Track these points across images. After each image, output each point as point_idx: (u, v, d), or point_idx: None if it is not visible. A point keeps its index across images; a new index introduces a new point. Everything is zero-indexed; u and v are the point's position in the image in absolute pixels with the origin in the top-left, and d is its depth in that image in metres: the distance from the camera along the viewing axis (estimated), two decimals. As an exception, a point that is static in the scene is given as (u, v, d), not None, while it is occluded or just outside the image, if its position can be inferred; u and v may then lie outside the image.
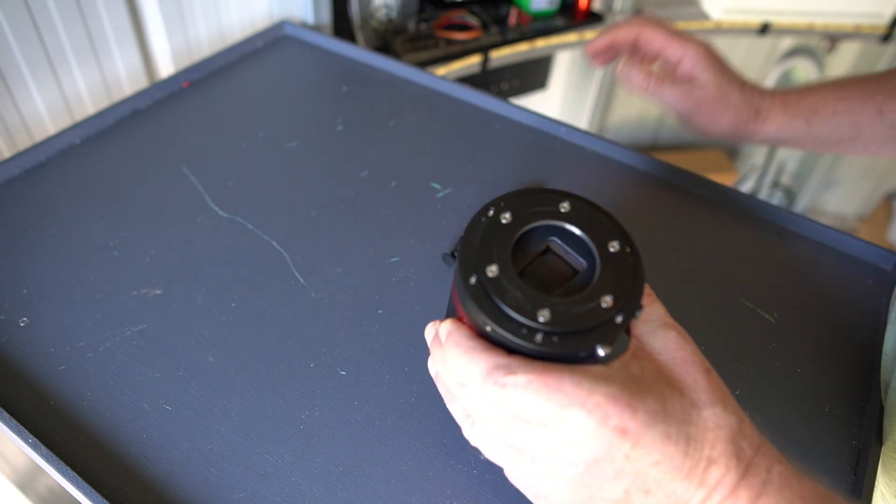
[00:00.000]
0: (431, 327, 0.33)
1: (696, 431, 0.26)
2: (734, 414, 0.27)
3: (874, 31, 1.29)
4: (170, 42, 0.75)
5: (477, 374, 0.27)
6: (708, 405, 0.27)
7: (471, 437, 0.31)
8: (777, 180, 1.80)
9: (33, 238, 0.49)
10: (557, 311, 0.27)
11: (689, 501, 0.26)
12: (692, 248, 0.52)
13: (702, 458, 0.26)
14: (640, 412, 0.25)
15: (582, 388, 0.26)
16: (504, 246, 0.29)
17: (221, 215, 0.52)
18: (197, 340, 0.43)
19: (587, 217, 0.31)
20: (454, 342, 0.29)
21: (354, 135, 0.61)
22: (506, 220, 0.30)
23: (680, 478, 0.26)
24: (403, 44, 0.97)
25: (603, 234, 0.30)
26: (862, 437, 0.40)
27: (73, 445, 0.37)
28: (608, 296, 0.28)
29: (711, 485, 0.26)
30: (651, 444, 0.25)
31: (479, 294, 0.28)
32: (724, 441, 0.26)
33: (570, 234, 0.31)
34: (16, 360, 0.41)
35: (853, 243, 0.52)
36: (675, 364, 0.28)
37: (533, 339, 0.27)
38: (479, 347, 0.28)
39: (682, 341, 0.29)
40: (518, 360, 0.27)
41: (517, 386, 0.26)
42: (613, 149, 0.60)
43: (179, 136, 0.59)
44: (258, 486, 0.36)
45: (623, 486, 0.26)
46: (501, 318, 0.27)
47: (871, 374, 0.43)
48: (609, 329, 0.28)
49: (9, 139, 0.65)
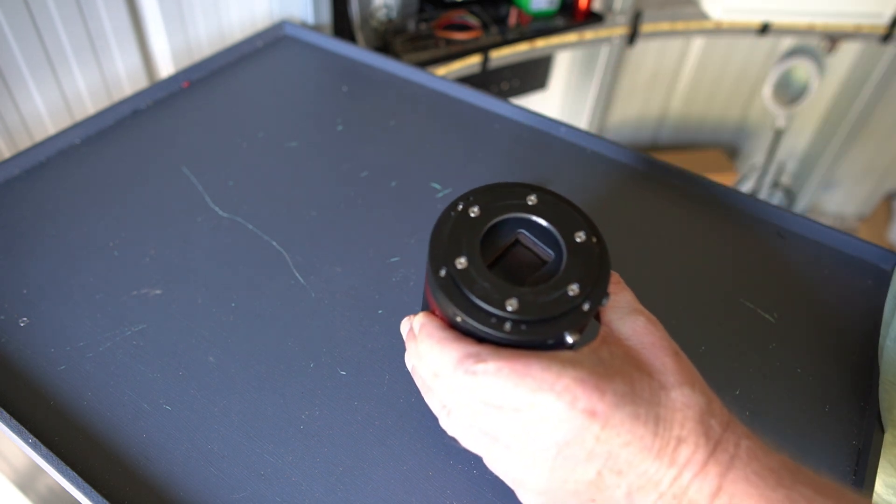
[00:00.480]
0: (406, 322, 0.34)
1: (665, 412, 0.27)
2: (702, 394, 0.28)
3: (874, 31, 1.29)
4: (170, 42, 0.75)
5: (448, 363, 0.28)
6: (676, 386, 0.27)
7: (448, 427, 0.31)
8: (777, 180, 1.80)
9: (33, 238, 0.49)
10: (525, 301, 0.28)
11: (660, 481, 0.26)
12: (692, 248, 0.52)
13: (671, 438, 0.26)
14: (608, 394, 0.26)
15: (550, 372, 0.26)
16: (473, 239, 0.30)
17: (221, 215, 0.52)
18: (197, 340, 0.43)
19: (554, 209, 0.31)
20: (426, 334, 0.30)
21: (354, 135, 0.61)
22: (474, 214, 0.31)
23: (650, 458, 0.26)
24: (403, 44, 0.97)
25: (570, 225, 0.31)
26: (862, 437, 0.40)
27: (73, 445, 0.37)
28: (574, 284, 0.29)
29: (682, 463, 0.26)
30: (620, 425, 0.26)
31: (449, 286, 0.29)
32: (693, 420, 0.27)
33: (537, 225, 0.31)
34: (16, 360, 0.41)
35: (853, 243, 0.52)
36: (643, 348, 0.29)
37: (502, 328, 0.28)
38: (450, 338, 0.29)
39: (651, 326, 0.30)
40: (488, 349, 0.28)
41: (487, 373, 0.27)
42: (613, 149, 0.60)
43: (179, 136, 0.59)
44: (258, 486, 0.36)
45: (595, 467, 0.27)
46: (471, 309, 0.28)
47: (871, 373, 0.43)
48: (576, 316, 0.28)
49: (9, 139, 0.65)
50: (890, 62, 1.41)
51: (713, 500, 0.26)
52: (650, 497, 0.27)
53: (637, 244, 0.51)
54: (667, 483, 0.26)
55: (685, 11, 1.27)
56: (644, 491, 0.27)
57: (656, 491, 0.26)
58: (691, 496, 0.26)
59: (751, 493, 0.25)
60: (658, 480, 0.26)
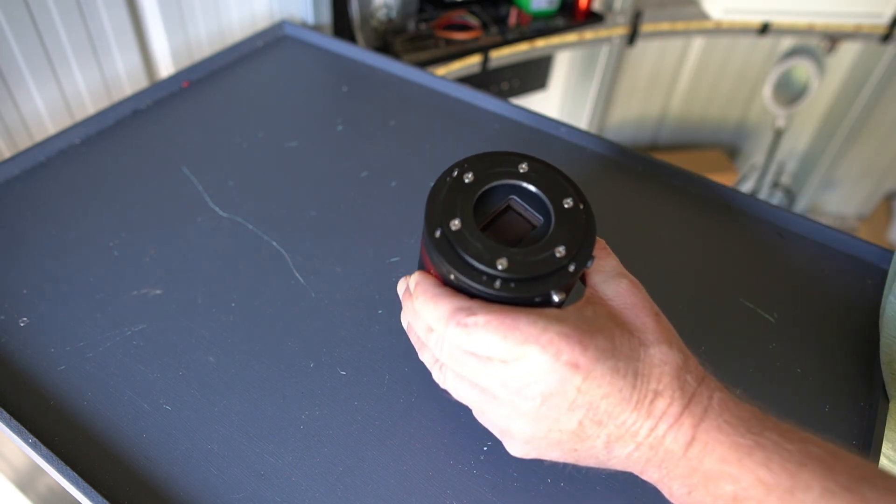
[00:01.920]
0: (403, 282, 0.35)
1: (643, 367, 0.28)
2: (679, 351, 0.29)
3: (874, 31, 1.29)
4: (170, 42, 0.75)
5: (441, 316, 0.30)
6: (655, 344, 0.29)
7: (440, 381, 0.33)
8: (777, 180, 1.80)
9: (33, 238, 0.49)
10: (514, 260, 0.30)
11: (637, 431, 0.28)
12: (692, 248, 0.52)
13: (648, 391, 0.28)
14: (590, 348, 0.28)
15: (536, 326, 0.28)
16: (466, 202, 0.32)
17: (221, 215, 0.52)
18: (197, 340, 0.43)
19: (544, 177, 0.33)
20: (421, 290, 0.31)
21: (354, 135, 0.61)
22: (468, 180, 0.32)
23: (629, 409, 0.28)
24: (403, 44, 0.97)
25: (558, 192, 0.32)
26: (862, 437, 0.40)
27: (73, 445, 0.37)
28: (561, 246, 0.30)
29: (658, 415, 0.28)
30: (601, 378, 0.28)
31: (443, 246, 0.30)
32: (669, 375, 0.28)
33: (528, 192, 0.33)
34: (16, 360, 0.41)
35: (853, 243, 0.52)
36: (625, 308, 0.31)
37: (492, 285, 0.29)
38: (443, 294, 0.30)
39: (634, 289, 0.31)
40: (479, 303, 0.29)
41: (477, 325, 0.29)
42: (613, 149, 0.60)
43: (179, 136, 0.59)
44: (258, 486, 0.36)
45: (577, 417, 0.28)
46: (463, 267, 0.30)
47: (871, 373, 0.43)
48: (562, 276, 0.30)
49: (9, 139, 0.65)
50: (890, 62, 1.41)
51: (688, 449, 0.27)
52: (628, 447, 0.28)
53: (637, 244, 0.51)
54: (644, 433, 0.28)
55: (685, 11, 1.27)
56: (622, 441, 0.28)
57: (634, 441, 0.28)
58: (667, 445, 0.28)
59: (722, 441, 0.27)
60: (636, 431, 0.28)
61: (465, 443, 0.38)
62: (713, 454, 0.27)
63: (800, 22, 1.27)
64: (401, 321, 0.36)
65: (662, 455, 0.28)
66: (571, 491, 0.36)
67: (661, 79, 1.62)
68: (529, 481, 0.36)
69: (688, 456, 0.27)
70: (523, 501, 0.36)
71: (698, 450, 0.27)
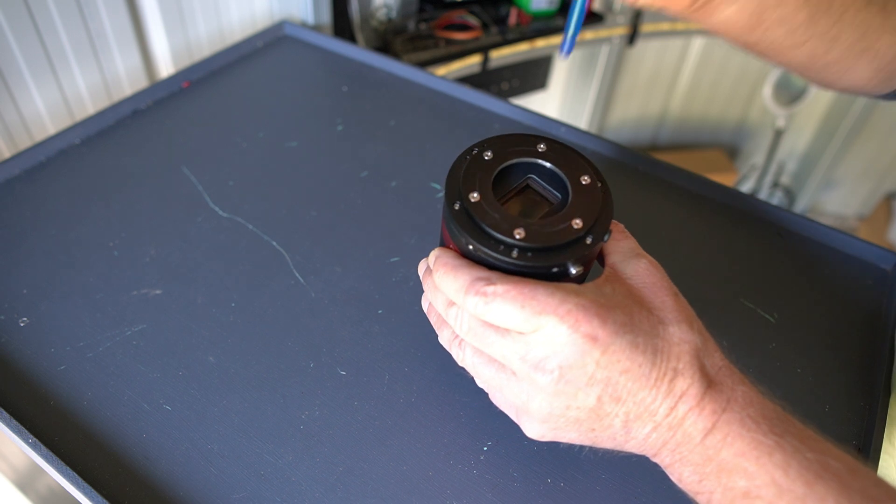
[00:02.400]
0: (423, 262, 0.35)
1: (663, 344, 0.28)
2: (699, 333, 0.29)
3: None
4: (170, 42, 0.75)
5: (461, 286, 0.30)
6: (674, 322, 0.29)
7: (459, 358, 0.33)
8: (777, 180, 1.80)
9: (33, 238, 0.49)
10: (532, 230, 0.30)
11: (656, 411, 0.28)
12: (692, 248, 0.52)
13: (668, 369, 0.28)
14: (609, 322, 0.28)
15: (555, 297, 0.28)
16: (486, 177, 0.32)
17: (221, 215, 0.52)
18: (197, 340, 0.43)
19: (562, 155, 0.33)
20: (441, 262, 0.31)
21: (354, 135, 0.61)
22: (488, 157, 0.33)
23: (648, 386, 0.28)
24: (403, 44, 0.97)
25: (576, 170, 0.33)
26: (862, 437, 0.40)
27: (73, 445, 0.37)
28: (578, 219, 0.31)
29: (678, 394, 0.27)
30: (620, 352, 0.27)
31: (462, 217, 0.31)
32: (689, 354, 0.28)
33: (546, 170, 0.33)
34: (16, 360, 0.41)
35: (853, 243, 0.52)
36: (644, 287, 0.30)
37: (510, 255, 0.30)
38: (463, 265, 0.31)
39: (653, 268, 0.31)
40: (497, 274, 0.30)
41: (496, 294, 0.29)
42: (613, 149, 0.60)
43: (179, 136, 0.59)
44: (258, 486, 0.36)
45: (595, 393, 0.28)
46: (481, 236, 0.30)
47: (871, 373, 0.43)
48: (579, 248, 0.30)
49: (9, 139, 0.65)
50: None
51: (706, 436, 0.27)
52: (646, 427, 0.28)
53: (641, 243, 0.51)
54: (663, 413, 0.28)
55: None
56: (641, 420, 0.28)
57: (652, 420, 0.28)
58: (686, 428, 0.27)
59: (743, 435, 0.27)
60: (654, 410, 0.28)
61: (465, 443, 0.38)
62: (732, 447, 0.27)
63: (800, 22, 1.27)
64: (421, 305, 0.37)
65: (680, 438, 0.28)
66: (571, 491, 0.36)
67: (661, 79, 1.62)
68: (529, 481, 0.36)
69: (705, 444, 0.27)
70: (523, 501, 0.36)
71: (717, 439, 0.27)
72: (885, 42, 0.37)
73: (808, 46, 0.38)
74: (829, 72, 0.40)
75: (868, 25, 0.37)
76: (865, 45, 0.38)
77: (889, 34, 0.37)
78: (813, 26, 0.37)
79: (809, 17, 0.36)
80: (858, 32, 0.37)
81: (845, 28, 0.37)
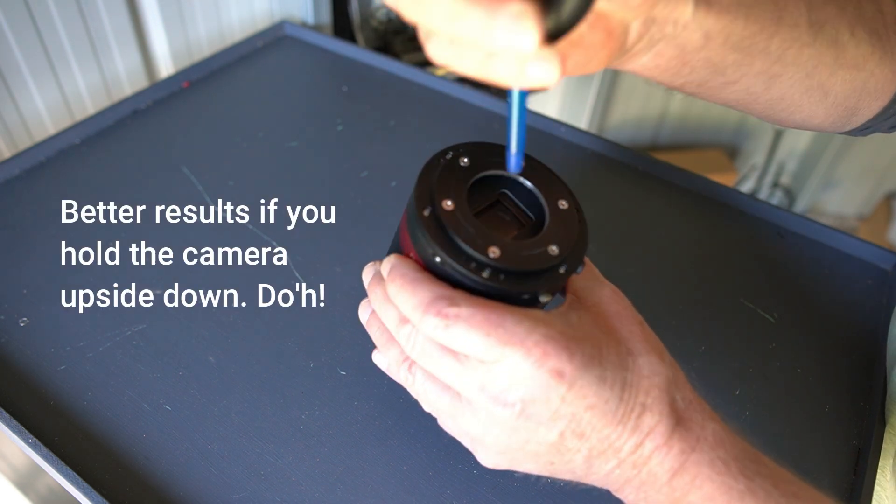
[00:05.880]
0: (370, 267, 0.33)
1: (632, 377, 0.27)
2: (669, 366, 0.28)
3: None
4: (170, 42, 0.75)
5: (419, 304, 0.27)
6: (644, 353, 0.27)
7: (407, 383, 0.31)
8: (777, 180, 1.79)
9: (33, 238, 0.49)
10: (507, 250, 0.28)
11: (621, 447, 0.26)
12: (692, 248, 0.52)
13: (636, 404, 0.26)
14: (576, 355, 0.26)
15: (522, 326, 0.26)
16: (461, 185, 0.30)
17: (221, 215, 0.52)
18: (197, 340, 0.43)
19: (541, 175, 0.31)
20: (399, 273, 0.28)
21: (354, 135, 0.61)
22: (464, 164, 0.30)
23: (614, 423, 0.26)
24: (403, 44, 0.97)
25: (554, 193, 0.31)
26: (862, 437, 0.40)
27: (73, 445, 0.37)
28: (555, 245, 0.29)
29: (645, 431, 0.26)
30: (587, 387, 0.26)
31: (432, 225, 0.28)
32: (658, 388, 0.27)
33: (523, 188, 0.31)
34: (16, 360, 0.41)
35: (853, 243, 0.52)
36: (610, 316, 0.29)
37: (480, 274, 0.27)
38: (423, 280, 0.28)
39: (617, 296, 0.30)
40: (462, 294, 0.27)
41: (459, 318, 0.26)
42: (613, 149, 0.60)
43: (179, 136, 0.59)
44: (258, 486, 0.36)
45: (558, 429, 0.26)
46: (452, 250, 0.28)
47: (871, 373, 0.43)
48: (553, 277, 0.29)
49: (9, 139, 0.65)
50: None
51: (673, 477, 0.26)
52: (610, 463, 0.27)
53: (637, 244, 0.51)
54: (628, 450, 0.26)
55: (685, 11, 1.26)
56: (604, 456, 0.27)
57: (616, 457, 0.26)
58: (652, 467, 0.26)
59: (713, 479, 0.26)
60: (619, 447, 0.26)
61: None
62: (700, 490, 0.26)
63: (800, 22, 1.26)
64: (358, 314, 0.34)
65: (645, 477, 0.26)
66: (571, 491, 0.36)
67: (661, 79, 1.62)
68: (529, 481, 0.36)
69: (672, 485, 0.26)
70: (523, 501, 0.36)
71: (685, 481, 0.26)
72: (839, 78, 0.33)
73: (741, 85, 0.33)
74: (774, 110, 0.36)
75: (817, 61, 0.32)
76: (813, 83, 0.33)
77: (844, 70, 0.33)
78: (746, 66, 0.32)
79: (742, 57, 0.31)
80: (804, 71, 0.32)
81: (787, 66, 0.32)
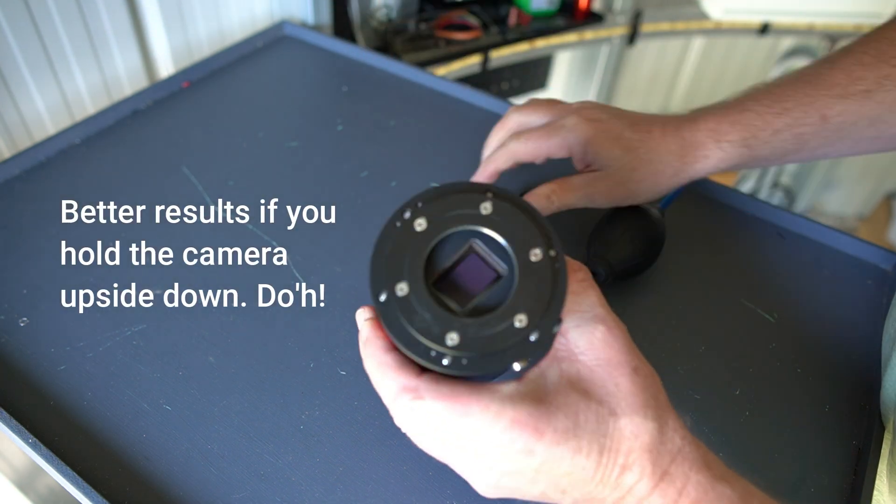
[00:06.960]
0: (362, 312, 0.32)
1: (611, 442, 0.26)
2: (655, 420, 0.27)
3: (874, 31, 1.29)
4: (170, 42, 0.75)
5: (388, 393, 0.28)
6: (627, 413, 0.27)
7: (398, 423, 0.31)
8: (777, 180, 1.79)
9: (33, 238, 0.49)
10: (467, 335, 0.27)
11: (604, 500, 0.27)
12: (692, 248, 0.52)
13: (615, 466, 0.26)
14: (547, 433, 0.26)
15: (489, 411, 0.26)
16: (416, 259, 0.28)
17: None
18: (197, 340, 0.43)
19: (510, 219, 0.28)
20: (369, 353, 0.29)
21: (354, 135, 0.61)
22: (420, 228, 0.28)
23: (593, 483, 0.27)
24: (403, 44, 0.97)
25: (525, 239, 0.28)
26: (862, 437, 0.40)
27: (73, 445, 0.37)
28: (522, 314, 0.27)
29: (625, 488, 0.27)
30: (560, 460, 0.26)
31: (389, 313, 0.27)
32: (640, 450, 0.26)
33: (490, 238, 0.29)
34: (16, 360, 0.41)
35: (853, 243, 0.52)
36: (598, 366, 0.28)
37: (440, 363, 0.27)
38: (391, 363, 0.28)
39: (610, 338, 0.28)
40: (426, 383, 0.27)
41: (423, 409, 0.27)
42: (613, 149, 0.59)
43: (179, 136, 0.59)
44: (258, 486, 0.36)
45: (539, 488, 0.27)
46: (409, 341, 0.27)
47: (871, 373, 0.43)
48: (522, 348, 0.27)
49: (9, 139, 0.65)
50: (890, 62, 1.40)
51: None
52: None
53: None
54: (611, 501, 0.27)
55: (685, 11, 1.27)
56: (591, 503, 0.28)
57: None
58: None
59: None
60: (602, 499, 0.27)
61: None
62: None
63: (800, 22, 1.27)
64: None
65: None
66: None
67: (661, 79, 1.62)
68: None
69: None
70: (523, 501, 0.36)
71: None
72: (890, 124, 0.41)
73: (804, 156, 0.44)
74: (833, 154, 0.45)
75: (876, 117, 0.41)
76: (874, 134, 0.42)
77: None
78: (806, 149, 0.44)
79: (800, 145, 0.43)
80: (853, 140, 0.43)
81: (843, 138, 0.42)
